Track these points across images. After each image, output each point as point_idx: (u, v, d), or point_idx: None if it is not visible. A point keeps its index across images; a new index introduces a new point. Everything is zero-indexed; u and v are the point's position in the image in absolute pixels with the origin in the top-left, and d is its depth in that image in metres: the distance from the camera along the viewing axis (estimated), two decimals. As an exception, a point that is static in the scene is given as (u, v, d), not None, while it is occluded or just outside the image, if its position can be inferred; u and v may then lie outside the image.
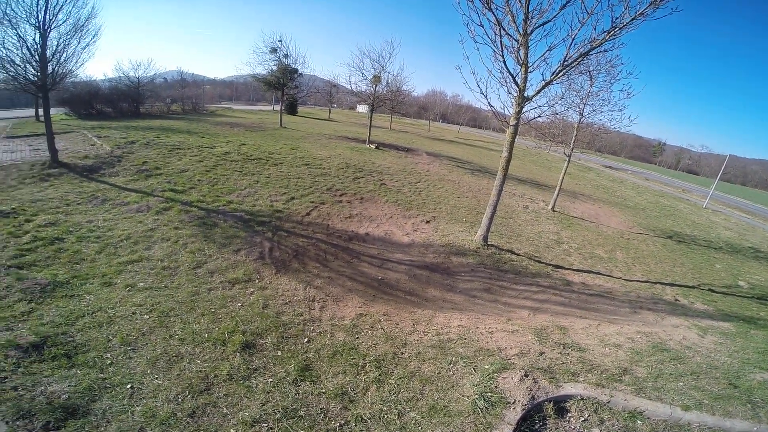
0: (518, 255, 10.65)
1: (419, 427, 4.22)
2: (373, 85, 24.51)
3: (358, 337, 5.84)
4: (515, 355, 5.73)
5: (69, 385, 4.16)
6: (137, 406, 4.02)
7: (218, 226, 8.99)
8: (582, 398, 4.88)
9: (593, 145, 18.44)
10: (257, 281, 7.05)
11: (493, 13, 8.31)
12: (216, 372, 4.65)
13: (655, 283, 10.93)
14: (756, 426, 4.67)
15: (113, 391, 4.17)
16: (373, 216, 11.57)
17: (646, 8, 7.39)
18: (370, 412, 4.33)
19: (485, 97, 9.40)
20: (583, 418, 4.65)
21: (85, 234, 7.75)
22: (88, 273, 6.42)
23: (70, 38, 11.24)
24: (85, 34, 11.54)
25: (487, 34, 8.61)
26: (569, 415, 4.71)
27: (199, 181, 11.94)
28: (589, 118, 15.36)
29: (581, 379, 5.23)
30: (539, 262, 10.57)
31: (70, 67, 11.70)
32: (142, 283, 6.34)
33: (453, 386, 4.95)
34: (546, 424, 4.54)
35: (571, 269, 10.61)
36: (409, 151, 25.21)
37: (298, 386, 4.61)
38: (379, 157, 20.37)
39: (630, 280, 10.78)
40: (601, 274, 10.75)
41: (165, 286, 6.36)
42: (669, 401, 4.96)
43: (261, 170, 13.93)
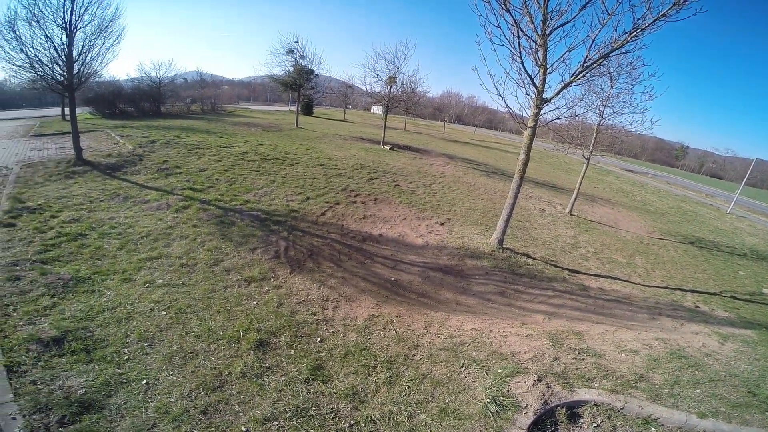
0: (534, 259, 10.50)
1: (429, 430, 4.21)
2: (388, 86, 24.55)
3: (370, 338, 5.85)
4: (529, 360, 5.66)
5: (86, 380, 4.25)
6: (151, 402, 4.09)
7: (235, 224, 9.14)
8: (596, 404, 4.80)
9: (613, 148, 18.10)
10: (272, 280, 7.14)
11: (511, 14, 8.22)
12: (230, 369, 4.72)
13: (675, 290, 10.64)
14: None
15: (129, 387, 4.25)
16: (387, 217, 11.58)
17: (669, 9, 7.17)
18: (380, 413, 4.34)
19: (502, 98, 9.31)
20: (595, 424, 4.57)
21: (107, 230, 7.97)
22: (109, 269, 6.60)
23: (95, 39, 11.59)
24: (110, 35, 11.90)
25: (505, 36, 8.53)
26: (582, 420, 4.64)
27: (217, 180, 12.16)
28: (609, 120, 15.06)
29: (596, 385, 5.14)
30: (555, 266, 10.41)
31: (95, 67, 12.08)
32: (161, 280, 6.49)
33: (464, 389, 4.92)
34: (558, 430, 4.48)
35: (588, 274, 10.41)
36: (423, 153, 25.15)
37: (310, 385, 4.65)
38: (393, 158, 20.39)
39: (649, 286, 10.52)
40: (619, 280, 10.52)
41: (183, 283, 6.50)
42: (685, 408, 4.85)
43: (277, 170, 14.10)
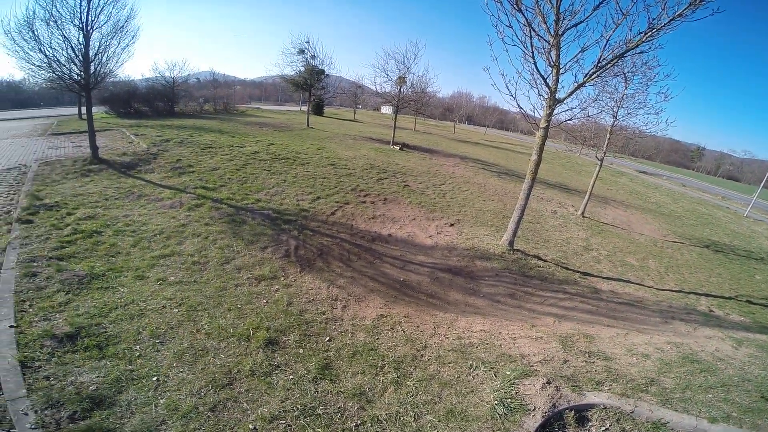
0: (545, 261, 10.40)
1: (435, 431, 4.19)
2: (398, 87, 24.54)
3: (378, 338, 5.85)
4: (538, 362, 5.61)
5: (98, 376, 4.30)
6: (161, 399, 4.13)
7: (247, 223, 9.23)
8: (605, 407, 4.74)
9: (627, 149, 17.86)
10: (282, 279, 7.19)
11: (523, 14, 8.15)
12: (239, 367, 4.76)
13: (689, 293, 10.45)
14: None
15: (139, 383, 4.30)
16: (396, 217, 11.57)
17: (685, 9, 7.03)
18: (386, 414, 4.33)
19: (514, 99, 9.24)
20: (604, 428, 4.52)
21: (122, 228, 8.11)
22: (123, 266, 6.71)
23: (111, 39, 11.79)
24: (125, 35, 12.10)
25: (517, 36, 8.46)
26: (590, 424, 4.58)
27: (229, 179, 12.29)
28: (624, 121, 14.84)
29: (605, 389, 5.08)
30: (567, 268, 10.29)
31: (110, 67, 12.26)
32: (173, 277, 6.58)
33: (472, 391, 4.89)
34: (565, 432, 4.43)
35: (600, 277, 10.27)
36: (433, 153, 25.08)
37: (318, 384, 4.67)
38: (403, 159, 20.37)
39: (662, 290, 10.34)
40: (632, 283, 10.36)
41: (194, 281, 6.58)
42: (696, 413, 4.77)
43: (288, 170, 14.20)
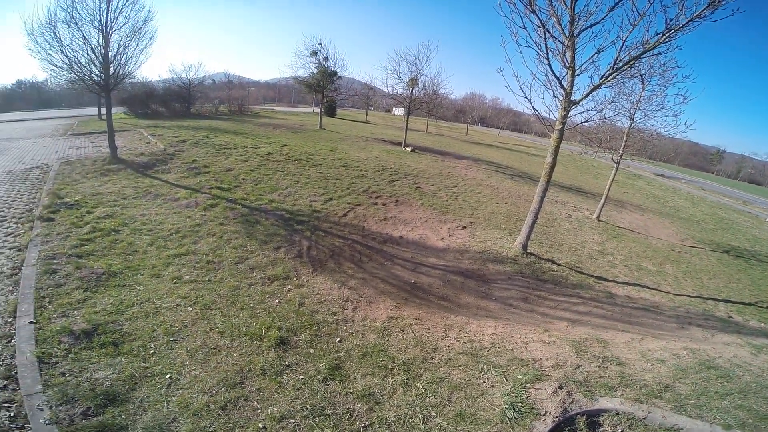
0: (559, 265, 10.26)
1: (445, 434, 4.16)
2: (410, 88, 24.51)
3: (388, 340, 5.85)
4: (550, 367, 5.53)
5: (113, 373, 4.37)
6: (173, 396, 4.18)
7: (260, 223, 9.33)
8: (617, 413, 4.67)
9: (644, 152, 17.46)
10: (295, 279, 7.24)
11: (537, 16, 8.06)
12: (251, 366, 4.80)
13: (707, 299, 10.20)
14: None
15: (153, 381, 4.35)
16: (407, 219, 11.56)
17: (704, 10, 6.85)
18: (395, 415, 4.32)
19: (529, 100, 9.16)
20: (614, 433, 4.45)
21: (139, 227, 8.28)
22: (140, 264, 6.84)
23: (130, 40, 12.01)
24: (143, 37, 12.30)
25: (531, 37, 8.38)
26: (601, 429, 4.52)
27: (243, 179, 12.44)
28: (641, 123, 14.56)
29: (618, 394, 5.00)
30: (581, 272, 10.14)
31: (129, 68, 12.48)
32: (188, 276, 6.69)
33: (482, 394, 4.85)
34: (576, 438, 4.36)
35: (615, 281, 10.09)
36: (445, 155, 24.98)
37: (327, 385, 4.68)
38: (414, 161, 20.34)
39: (679, 295, 10.12)
40: (648, 288, 10.15)
41: (209, 280, 6.67)
42: (710, 419, 4.67)
43: (301, 171, 14.31)
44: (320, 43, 27.43)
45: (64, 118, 25.49)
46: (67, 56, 11.02)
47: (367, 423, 4.20)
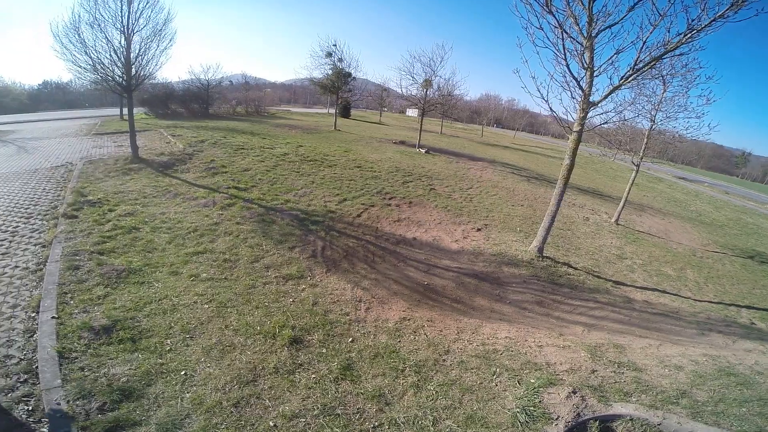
0: (575, 269, 10.09)
1: (454, 437, 4.13)
2: (424, 89, 24.45)
3: (400, 341, 5.83)
4: (564, 371, 5.44)
5: (129, 369, 4.44)
6: (187, 393, 4.22)
7: (276, 223, 9.44)
8: (631, 418, 4.56)
9: (665, 155, 16.99)
10: (309, 278, 7.30)
11: (554, 16, 7.92)
12: (264, 364, 4.84)
13: (729, 305, 9.89)
14: None
15: (168, 377, 4.41)
16: (421, 221, 11.53)
17: (727, 10, 6.62)
18: (404, 417, 4.30)
19: (546, 102, 9.01)
20: (628, 439, 4.35)
21: (158, 225, 8.47)
22: (159, 262, 7.00)
23: (150, 42, 12.31)
24: (163, 38, 12.61)
25: (548, 38, 8.21)
26: (613, 434, 4.42)
27: (260, 179, 12.62)
28: (662, 124, 14.19)
29: (633, 400, 4.88)
30: (598, 277, 9.94)
31: (150, 69, 12.78)
32: (205, 274, 6.80)
33: (494, 398, 4.79)
34: (588, 443, 4.29)
35: (634, 286, 9.86)
36: (460, 156, 24.83)
37: (339, 384, 4.69)
38: (429, 162, 20.28)
39: (700, 301, 9.84)
40: (668, 293, 9.89)
41: (225, 278, 6.78)
42: (727, 426, 4.52)
43: (316, 171, 14.43)
44: (335, 45, 27.65)
45: (88, 118, 26.29)
46: (91, 57, 11.36)
47: (376, 424, 4.19)
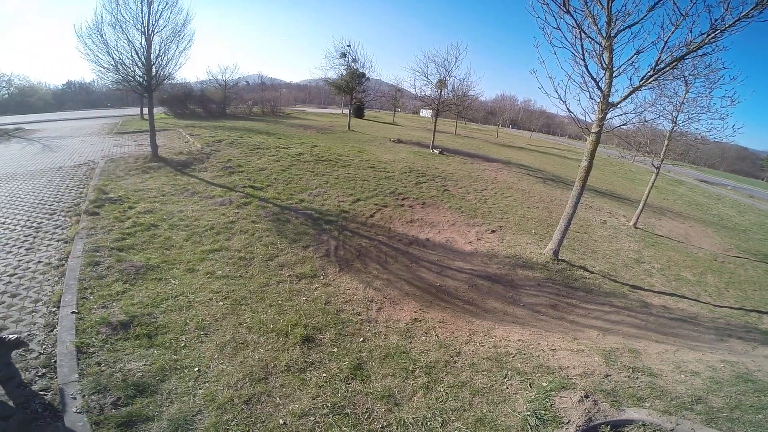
0: (591, 272, 9.92)
1: (463, 438, 4.10)
2: (438, 90, 24.34)
3: (411, 342, 5.82)
4: (577, 375, 5.35)
5: (145, 364, 4.51)
6: (200, 389, 4.27)
7: (290, 222, 9.54)
8: (643, 424, 4.45)
9: (687, 157, 16.54)
10: (322, 278, 7.36)
11: (571, 16, 7.80)
12: (276, 362, 4.88)
13: (750, 311, 9.61)
14: None
15: (181, 373, 4.47)
16: (434, 222, 11.49)
17: (752, 9, 6.42)
18: (413, 417, 4.29)
19: (564, 102, 8.87)
20: (639, 444, 4.26)
21: (176, 222, 8.65)
22: (176, 259, 7.13)
23: (170, 42, 12.53)
24: (182, 39, 12.82)
25: (565, 38, 8.10)
26: (625, 440, 4.33)
27: (275, 179, 12.77)
28: (684, 126, 13.84)
29: (647, 405, 4.76)
30: (615, 281, 9.76)
31: (170, 69, 13.02)
32: (221, 272, 6.91)
33: (505, 400, 4.74)
34: (598, 447, 4.21)
35: (652, 291, 9.64)
36: (474, 157, 24.65)
37: (349, 384, 4.70)
38: (442, 163, 20.19)
39: (720, 306, 9.58)
40: (686, 298, 9.65)
41: (240, 276, 6.88)
42: None
43: (330, 171, 14.53)
44: (349, 45, 27.78)
45: (109, 118, 27.02)
46: (113, 58, 11.67)
47: (385, 424, 4.18)
